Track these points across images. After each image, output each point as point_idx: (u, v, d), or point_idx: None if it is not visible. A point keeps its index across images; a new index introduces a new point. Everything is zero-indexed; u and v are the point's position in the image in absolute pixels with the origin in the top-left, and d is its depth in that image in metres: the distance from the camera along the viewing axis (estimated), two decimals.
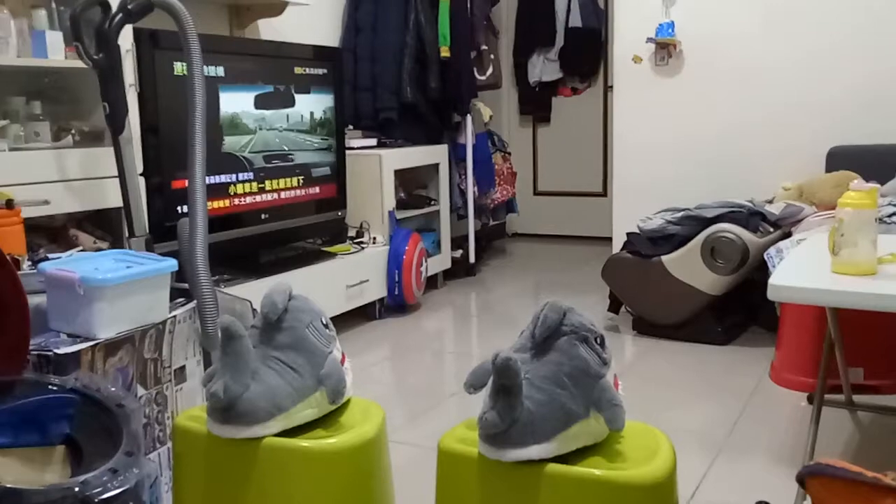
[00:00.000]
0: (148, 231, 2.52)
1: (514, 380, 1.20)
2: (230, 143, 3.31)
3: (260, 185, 3.48)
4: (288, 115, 3.61)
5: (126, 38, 2.76)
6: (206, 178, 2.15)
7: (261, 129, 3.46)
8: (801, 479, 1.00)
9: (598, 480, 1.21)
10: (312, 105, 3.76)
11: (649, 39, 4.13)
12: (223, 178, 3.29)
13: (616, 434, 1.34)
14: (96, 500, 1.22)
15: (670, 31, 4.09)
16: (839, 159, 3.73)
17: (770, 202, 3.69)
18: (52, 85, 2.87)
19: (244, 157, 3.39)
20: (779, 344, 3.10)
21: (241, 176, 3.38)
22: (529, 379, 1.25)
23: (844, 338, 2.44)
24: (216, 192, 3.26)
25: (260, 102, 3.45)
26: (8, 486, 1.18)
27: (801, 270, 2.05)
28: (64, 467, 1.41)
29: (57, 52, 2.67)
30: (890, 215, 3.02)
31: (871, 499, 0.90)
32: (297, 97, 3.66)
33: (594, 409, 1.26)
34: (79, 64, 2.42)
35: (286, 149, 3.62)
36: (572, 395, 1.25)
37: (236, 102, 3.32)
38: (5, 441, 1.40)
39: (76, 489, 1.21)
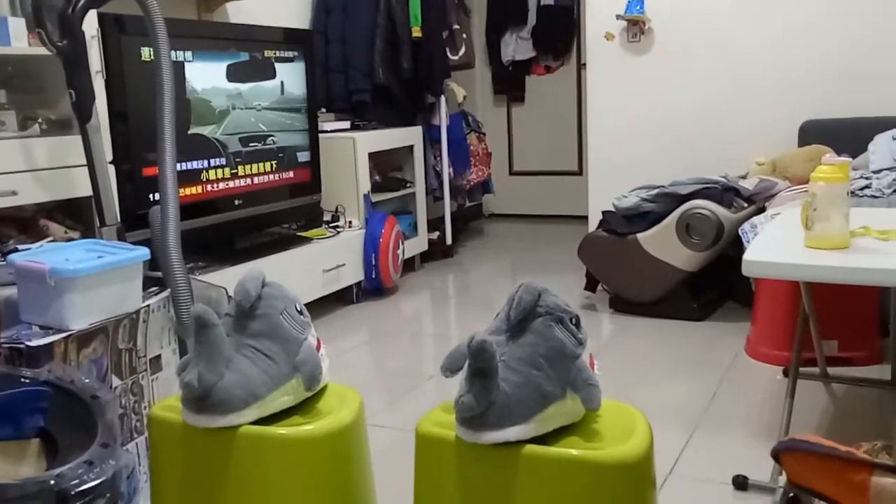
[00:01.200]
0: (119, 220, 2.49)
1: (490, 362, 1.20)
2: (200, 127, 3.27)
3: (233, 171, 3.45)
4: (259, 99, 3.57)
5: (91, 24, 2.72)
6: (178, 164, 2.13)
7: (232, 110, 3.42)
8: (776, 455, 1.00)
9: (575, 460, 1.21)
10: (283, 88, 3.73)
11: (619, 16, 4.12)
12: (195, 164, 3.26)
13: (593, 414, 1.34)
14: (72, 493, 1.21)
15: (639, 7, 4.08)
16: (812, 133, 3.75)
17: (744, 177, 3.71)
18: (17, 73, 2.82)
19: (216, 139, 3.35)
20: (754, 319, 3.13)
21: (213, 161, 3.34)
22: (505, 361, 1.25)
23: (818, 311, 2.47)
24: (188, 178, 3.23)
25: (232, 81, 3.41)
26: None
27: (774, 245, 2.07)
28: (39, 460, 1.40)
29: (20, 39, 2.62)
30: (862, 188, 3.04)
31: (844, 473, 0.91)
32: (268, 81, 3.62)
33: (570, 389, 1.26)
34: (43, 51, 2.38)
35: (258, 133, 3.58)
36: (548, 376, 1.25)
37: (206, 85, 3.28)
38: None
39: (52, 482, 1.21)
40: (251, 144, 3.54)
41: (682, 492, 2.12)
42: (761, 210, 3.41)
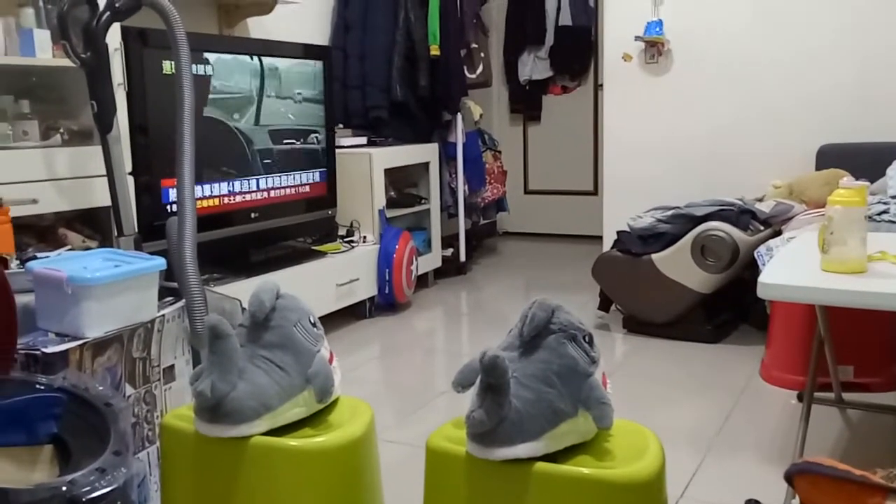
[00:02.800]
0: (137, 230, 2.51)
1: (502, 378, 1.20)
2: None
3: (250, 184, 3.47)
4: (277, 114, 3.60)
5: (114, 37, 2.75)
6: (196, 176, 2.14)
7: (251, 125, 3.45)
8: (790, 478, 1.00)
9: (586, 479, 1.20)
10: (302, 103, 3.75)
11: (638, 38, 4.13)
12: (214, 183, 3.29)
13: (604, 432, 1.34)
14: (84, 500, 1.21)
15: (658, 29, 4.10)
16: (829, 157, 3.74)
17: (760, 200, 3.70)
18: (40, 84, 2.86)
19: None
20: (769, 342, 3.11)
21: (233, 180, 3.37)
22: (517, 377, 1.25)
23: (834, 336, 2.45)
24: (205, 190, 3.25)
25: (250, 102, 3.44)
26: None
27: (790, 268, 2.06)
28: (52, 467, 1.41)
29: (45, 51, 2.65)
30: (879, 213, 3.03)
31: (858, 497, 0.90)
32: (287, 95, 3.65)
33: (582, 407, 1.26)
34: (67, 62, 2.41)
35: (275, 147, 3.61)
36: (560, 393, 1.25)
37: (225, 99, 3.31)
38: None
39: (64, 488, 1.21)
40: (266, 159, 3.56)
41: None
42: (777, 233, 3.40)
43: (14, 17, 2.62)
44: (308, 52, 3.80)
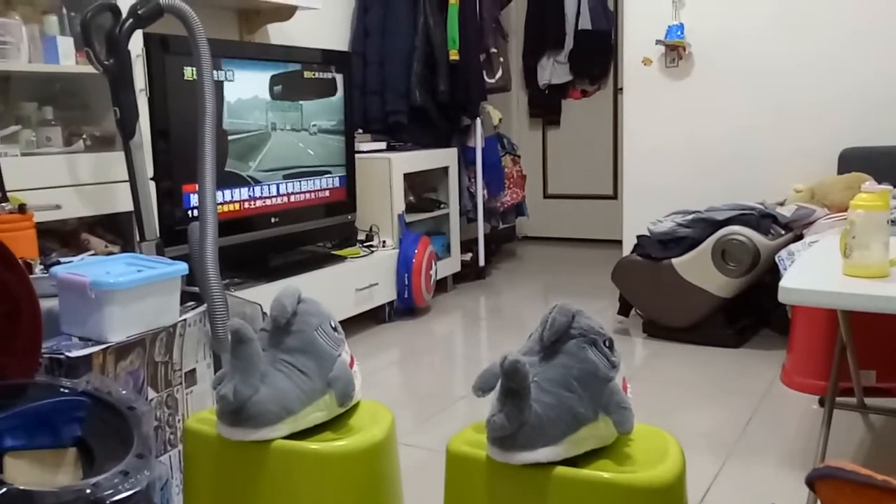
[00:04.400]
0: (159, 235, 2.53)
1: (523, 383, 1.20)
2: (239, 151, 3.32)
3: (270, 189, 3.49)
4: (298, 120, 3.62)
5: (136, 44, 2.78)
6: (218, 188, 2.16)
7: (273, 131, 3.47)
8: (811, 482, 0.99)
9: (606, 483, 1.20)
10: (322, 109, 3.77)
11: (658, 42, 4.12)
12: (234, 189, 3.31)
13: (625, 437, 1.33)
14: (108, 502, 1.23)
15: (680, 33, 4.08)
16: (851, 161, 3.71)
17: (781, 204, 3.68)
18: (64, 90, 2.89)
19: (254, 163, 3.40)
20: (790, 347, 3.09)
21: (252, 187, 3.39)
22: (538, 382, 1.25)
23: (856, 340, 2.43)
24: (227, 195, 3.27)
25: (270, 106, 3.46)
26: (20, 487, 1.19)
27: (812, 273, 2.05)
28: (75, 469, 1.42)
29: (68, 58, 2.68)
30: None
31: (881, 502, 0.90)
32: (308, 101, 3.67)
33: (603, 411, 1.26)
34: (89, 69, 2.43)
35: (296, 153, 3.62)
36: (580, 398, 1.25)
37: (246, 105, 3.34)
38: (17, 443, 1.40)
39: (88, 491, 1.22)
40: (286, 165, 3.58)
41: None
42: (799, 237, 3.38)
43: (38, 25, 2.66)
44: (327, 57, 3.82)
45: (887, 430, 2.60)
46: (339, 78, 3.86)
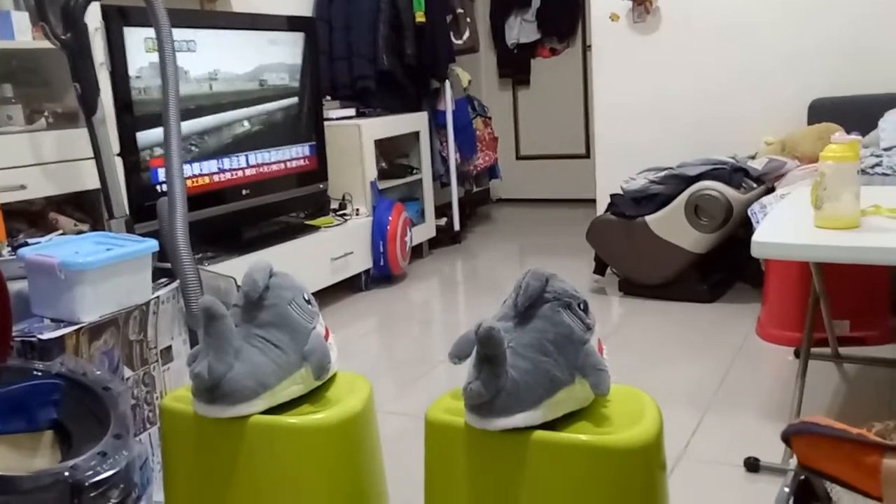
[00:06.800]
0: (127, 212, 2.50)
1: (498, 349, 1.20)
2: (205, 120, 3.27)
3: (239, 161, 3.45)
4: (264, 88, 3.56)
5: (94, 16, 2.72)
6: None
7: (239, 103, 3.42)
8: (787, 438, 1.00)
9: (584, 445, 1.21)
10: (288, 76, 3.72)
11: None
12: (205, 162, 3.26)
13: (602, 398, 1.34)
14: (87, 484, 1.22)
15: None
16: (820, 111, 3.73)
17: (753, 157, 3.69)
18: (22, 67, 2.82)
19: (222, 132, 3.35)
20: (764, 299, 3.12)
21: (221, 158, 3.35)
22: (513, 347, 1.25)
23: (829, 291, 2.46)
24: (195, 168, 3.23)
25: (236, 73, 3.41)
26: None
27: (784, 226, 2.06)
28: (53, 453, 1.41)
29: (24, 33, 2.62)
30: (873, 166, 3.02)
31: (855, 455, 0.91)
32: (273, 69, 3.62)
33: (579, 374, 1.26)
34: (47, 44, 2.38)
35: (263, 122, 3.58)
36: (556, 361, 1.25)
37: (211, 76, 3.28)
38: None
39: (66, 474, 1.21)
40: (254, 135, 3.53)
41: (694, 474, 2.12)
42: (770, 190, 3.40)
43: None
44: (292, 23, 3.76)
45: (862, 379, 2.64)
46: (303, 43, 3.80)
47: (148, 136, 2.99)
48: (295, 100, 3.77)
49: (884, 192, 2.31)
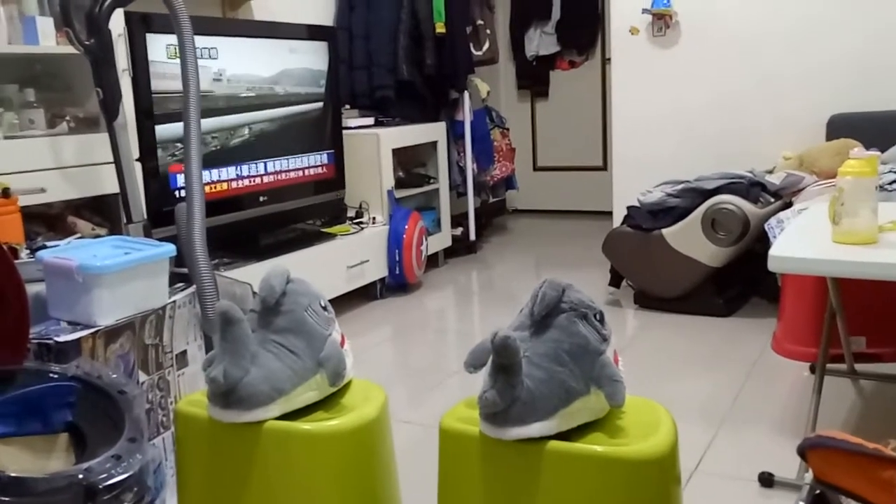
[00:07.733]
0: (146, 217, 2.51)
1: (513, 358, 1.20)
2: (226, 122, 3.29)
3: (258, 168, 3.47)
4: (284, 96, 3.59)
5: (117, 23, 2.74)
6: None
7: (258, 109, 3.44)
8: (802, 452, 1.00)
9: (599, 456, 1.21)
10: (308, 84, 3.74)
11: (645, 10, 4.10)
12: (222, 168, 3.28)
13: (617, 410, 1.34)
14: (100, 487, 1.22)
15: (666, 1, 4.06)
16: (839, 127, 3.71)
17: (770, 172, 3.67)
18: (45, 71, 2.85)
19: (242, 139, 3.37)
20: (780, 314, 3.10)
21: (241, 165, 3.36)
22: (529, 357, 1.25)
23: (846, 307, 2.44)
24: (214, 174, 3.25)
25: (256, 82, 3.43)
26: (12, 474, 1.18)
27: (801, 241, 2.05)
28: (67, 455, 1.42)
29: (48, 39, 2.65)
30: (891, 182, 3.00)
31: (871, 470, 0.90)
32: (293, 77, 3.64)
33: (594, 385, 1.26)
34: (71, 50, 2.40)
35: (282, 129, 3.60)
36: (572, 372, 1.25)
37: (232, 83, 3.31)
38: (8, 430, 1.40)
39: (80, 476, 1.22)
40: (273, 142, 3.55)
41: (708, 488, 2.10)
42: (788, 205, 3.38)
43: (16, 5, 2.62)
44: (313, 32, 3.78)
45: (878, 396, 2.62)
46: (325, 52, 3.82)
47: (167, 142, 3.01)
48: (314, 108, 3.79)
49: None
